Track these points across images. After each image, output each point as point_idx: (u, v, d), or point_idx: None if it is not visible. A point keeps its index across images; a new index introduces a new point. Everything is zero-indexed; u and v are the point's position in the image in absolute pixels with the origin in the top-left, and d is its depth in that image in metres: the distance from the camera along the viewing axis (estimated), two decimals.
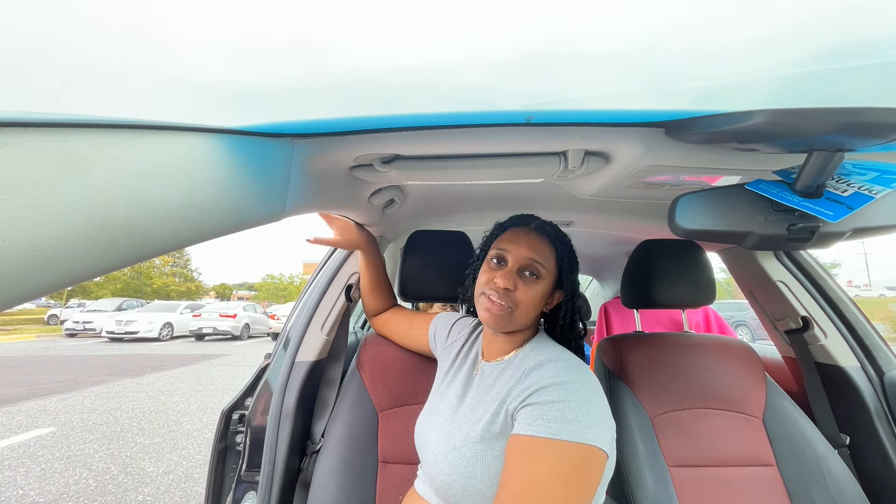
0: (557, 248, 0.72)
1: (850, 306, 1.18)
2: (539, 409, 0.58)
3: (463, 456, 0.64)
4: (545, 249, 0.71)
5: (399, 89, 0.52)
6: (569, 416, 0.56)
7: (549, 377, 0.61)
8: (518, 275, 0.70)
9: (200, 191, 0.44)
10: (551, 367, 0.64)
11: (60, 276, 0.32)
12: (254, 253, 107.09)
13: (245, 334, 13.13)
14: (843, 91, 0.48)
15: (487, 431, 0.64)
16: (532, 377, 0.63)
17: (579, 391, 0.60)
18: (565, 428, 0.55)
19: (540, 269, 0.70)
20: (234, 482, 0.99)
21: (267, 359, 1.14)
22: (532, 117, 0.59)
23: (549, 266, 0.71)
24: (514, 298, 0.68)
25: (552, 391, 0.59)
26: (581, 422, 0.56)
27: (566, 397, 0.58)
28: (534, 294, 0.69)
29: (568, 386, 0.60)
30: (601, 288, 2.84)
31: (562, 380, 0.61)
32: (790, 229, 0.58)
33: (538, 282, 0.70)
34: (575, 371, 0.63)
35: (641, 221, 1.34)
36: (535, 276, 0.70)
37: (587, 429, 0.56)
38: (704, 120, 0.54)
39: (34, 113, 0.32)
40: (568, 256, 0.74)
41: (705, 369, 1.07)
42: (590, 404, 0.59)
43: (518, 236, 0.73)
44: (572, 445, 0.55)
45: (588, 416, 0.57)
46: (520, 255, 0.70)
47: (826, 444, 0.96)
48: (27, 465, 3.03)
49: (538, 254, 0.70)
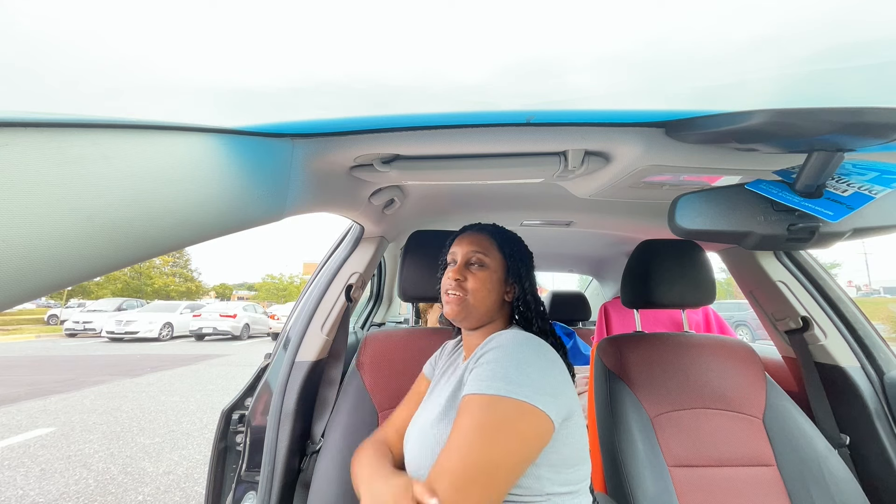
0: (497, 239, 0.80)
1: (850, 306, 1.18)
2: (476, 371, 0.62)
3: (427, 436, 0.67)
4: (485, 241, 0.80)
5: (399, 89, 0.52)
6: (498, 373, 0.59)
7: (494, 343, 0.65)
8: (466, 268, 0.78)
9: (200, 191, 0.44)
10: (500, 336, 0.67)
11: (60, 276, 0.32)
12: (254, 253, 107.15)
13: (245, 334, 13.13)
14: (843, 91, 0.48)
15: (446, 411, 0.67)
16: (480, 350, 0.66)
17: (516, 353, 0.62)
18: (493, 384, 0.58)
19: (483, 259, 0.77)
20: (234, 482, 0.99)
21: (267, 359, 1.14)
22: (532, 117, 0.59)
23: (492, 255, 0.78)
24: (465, 287, 0.76)
25: (489, 354, 0.63)
26: (510, 379, 0.58)
27: (499, 357, 0.62)
28: (483, 280, 0.76)
29: (505, 348, 0.63)
30: (601, 288, 2.84)
31: (502, 344, 0.64)
32: (790, 229, 0.58)
33: (484, 269, 0.77)
34: (517, 339, 0.66)
35: (641, 221, 1.34)
36: (481, 265, 0.77)
37: (517, 385, 0.58)
38: (704, 120, 0.54)
39: (34, 113, 0.32)
40: (510, 246, 0.81)
41: (705, 369, 1.07)
42: (525, 365, 0.61)
43: (462, 239, 0.81)
44: (498, 399, 0.57)
45: (520, 375, 0.59)
46: (464, 251, 0.79)
47: (826, 444, 0.95)
48: (27, 465, 3.03)
49: (479, 246, 0.79)
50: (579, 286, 3.37)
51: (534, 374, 0.60)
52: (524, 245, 0.84)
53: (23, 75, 0.36)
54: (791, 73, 0.46)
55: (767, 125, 0.48)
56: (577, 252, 2.32)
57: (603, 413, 1.07)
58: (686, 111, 0.55)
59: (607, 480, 1.02)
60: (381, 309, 2.45)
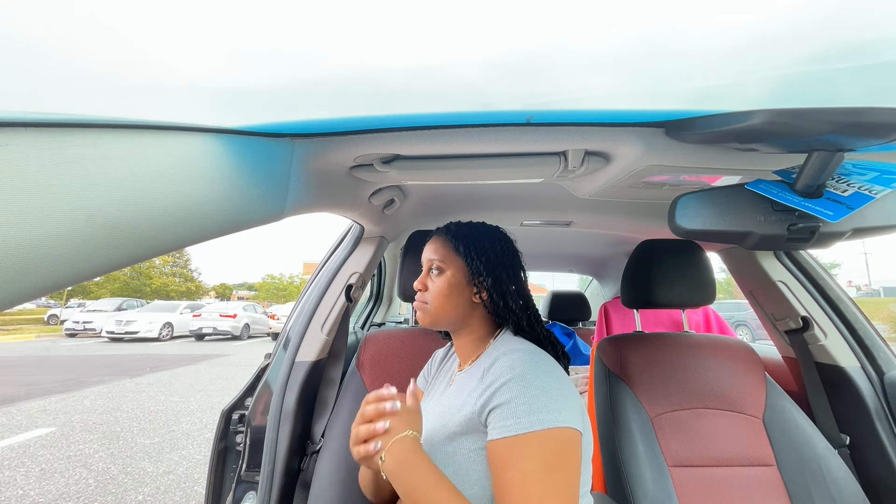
0: (453, 241, 0.79)
1: (850, 306, 1.18)
2: (505, 409, 0.60)
3: (436, 458, 0.65)
4: (441, 246, 0.79)
5: (399, 89, 0.52)
6: (534, 405, 0.58)
7: (506, 373, 0.63)
8: (429, 275, 0.79)
9: (200, 191, 0.44)
10: (506, 360, 0.65)
11: (60, 276, 0.32)
12: (254, 253, 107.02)
13: (245, 334, 13.12)
14: (842, 91, 0.48)
15: (454, 432, 0.66)
16: (490, 375, 0.65)
17: (536, 379, 0.62)
18: (537, 418, 0.57)
19: (439, 264, 0.77)
20: (234, 482, 0.99)
21: (267, 359, 1.14)
22: (532, 117, 0.59)
23: (448, 258, 0.77)
24: (426, 295, 0.77)
25: (511, 387, 0.61)
26: (548, 408, 0.58)
27: (526, 389, 0.60)
28: (440, 285, 0.76)
29: (525, 377, 0.62)
30: (601, 288, 2.84)
31: (518, 373, 0.62)
32: (790, 229, 0.58)
33: (441, 274, 0.77)
34: (528, 361, 0.65)
35: (641, 221, 1.34)
36: (438, 270, 0.77)
37: (556, 412, 0.58)
38: (704, 120, 0.54)
39: (34, 113, 0.32)
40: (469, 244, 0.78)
41: (705, 369, 1.07)
42: (550, 389, 0.61)
43: (427, 245, 0.82)
44: (548, 433, 0.57)
45: (552, 400, 0.59)
46: (426, 258, 0.80)
47: (826, 444, 0.95)
48: (27, 465, 3.03)
49: (435, 252, 0.79)
50: (579, 286, 3.37)
51: (559, 395, 0.61)
52: (495, 240, 0.79)
53: (23, 75, 0.36)
54: (791, 73, 0.46)
55: (767, 125, 0.48)
56: (577, 252, 2.32)
57: (603, 413, 1.07)
58: (686, 111, 0.55)
59: (607, 481, 1.02)
60: (381, 309, 2.45)
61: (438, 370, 0.89)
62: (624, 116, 0.60)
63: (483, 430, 0.63)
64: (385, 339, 1.16)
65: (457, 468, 0.63)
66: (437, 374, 0.88)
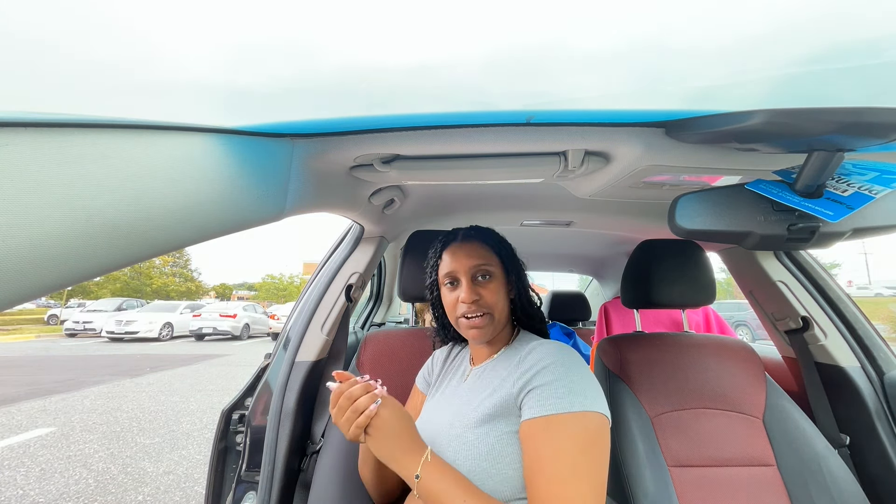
0: (490, 242, 0.79)
1: (850, 306, 1.18)
2: (545, 389, 0.62)
3: (466, 440, 0.66)
4: (483, 250, 0.77)
5: (399, 89, 0.52)
6: (575, 388, 0.61)
7: (546, 358, 0.66)
8: (475, 284, 0.75)
9: (200, 191, 0.44)
10: (543, 349, 0.68)
11: (60, 276, 0.32)
12: (254, 253, 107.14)
13: (245, 334, 13.12)
14: (842, 91, 0.48)
15: (487, 415, 0.67)
16: (528, 361, 0.67)
17: (574, 366, 0.65)
18: (577, 400, 0.60)
19: (488, 268, 0.75)
20: (234, 482, 0.99)
21: (267, 359, 1.14)
22: (532, 117, 0.59)
23: (493, 261, 0.77)
24: (484, 304, 0.73)
25: (552, 370, 0.64)
26: (586, 392, 0.61)
27: (566, 373, 0.63)
28: (495, 290, 0.74)
29: (564, 362, 0.65)
30: (601, 288, 2.84)
31: (557, 359, 0.66)
32: (790, 229, 0.58)
33: (493, 279, 0.75)
34: (564, 350, 0.69)
35: (641, 221, 1.34)
36: (487, 276, 0.75)
37: (592, 398, 0.61)
38: (704, 120, 0.54)
39: (34, 113, 0.32)
40: (500, 244, 0.80)
41: (705, 369, 1.07)
42: (586, 377, 0.64)
43: (455, 253, 0.77)
44: (586, 415, 0.59)
45: (589, 387, 0.63)
46: (465, 267, 0.75)
47: (826, 444, 0.95)
48: (27, 465, 3.02)
49: (480, 257, 0.76)
50: (579, 286, 3.37)
51: (592, 384, 0.64)
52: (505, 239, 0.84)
53: (23, 75, 0.36)
54: (791, 73, 0.46)
55: (767, 125, 0.48)
56: (577, 252, 2.32)
57: None
58: (686, 111, 0.55)
59: (607, 480, 1.02)
60: (381, 309, 2.45)
61: (444, 369, 0.89)
62: (624, 116, 0.60)
63: (517, 412, 0.65)
64: (385, 339, 1.16)
65: (489, 449, 0.64)
66: (444, 373, 0.89)
